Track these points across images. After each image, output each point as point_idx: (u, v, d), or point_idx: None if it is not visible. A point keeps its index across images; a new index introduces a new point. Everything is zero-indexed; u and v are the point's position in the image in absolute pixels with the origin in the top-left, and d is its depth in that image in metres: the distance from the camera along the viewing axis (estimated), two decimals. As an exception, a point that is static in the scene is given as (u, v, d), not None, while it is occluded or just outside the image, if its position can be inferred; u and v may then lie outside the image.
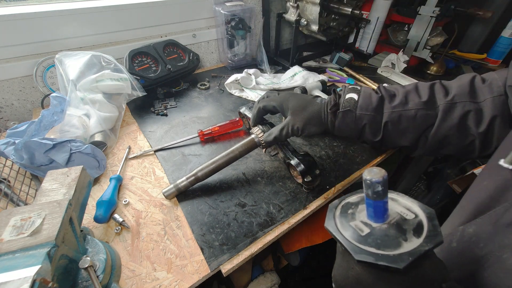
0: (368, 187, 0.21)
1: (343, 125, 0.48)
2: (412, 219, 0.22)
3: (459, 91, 0.41)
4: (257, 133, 0.57)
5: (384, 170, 0.21)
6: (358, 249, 0.20)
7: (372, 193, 0.21)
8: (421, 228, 0.21)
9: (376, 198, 0.21)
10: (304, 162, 0.51)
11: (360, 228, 0.22)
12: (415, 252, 0.19)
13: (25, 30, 0.73)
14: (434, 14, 0.93)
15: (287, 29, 1.27)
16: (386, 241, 0.20)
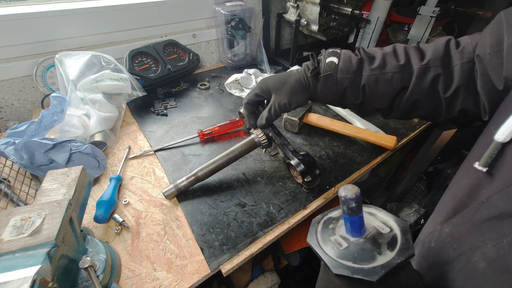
0: (343, 203, 0.22)
1: (325, 89, 0.48)
2: (387, 233, 0.23)
3: (434, 55, 0.41)
4: (257, 133, 0.57)
5: (357, 188, 0.22)
6: (336, 263, 0.22)
7: (347, 209, 0.22)
8: (395, 241, 0.22)
9: (351, 214, 0.23)
10: (304, 162, 0.51)
11: (339, 243, 0.23)
12: (388, 265, 0.20)
13: (25, 30, 0.73)
14: (434, 14, 0.93)
15: (287, 29, 1.27)
16: (362, 254, 0.22)
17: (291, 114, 0.71)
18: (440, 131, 0.68)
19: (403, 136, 0.72)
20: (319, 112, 0.83)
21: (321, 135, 0.72)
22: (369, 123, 0.73)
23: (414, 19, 1.00)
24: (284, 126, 0.74)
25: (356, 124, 0.73)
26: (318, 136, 0.72)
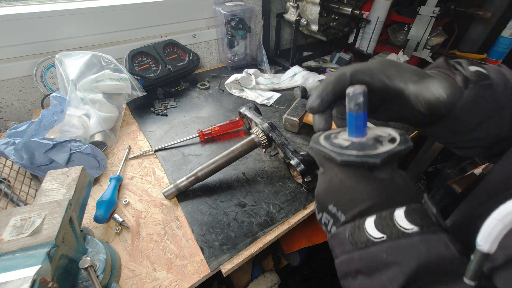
0: (351, 99, 0.23)
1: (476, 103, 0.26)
2: (387, 135, 0.24)
3: None
4: (257, 133, 0.57)
5: (365, 86, 0.23)
6: (341, 153, 0.22)
7: (354, 105, 0.23)
8: (394, 139, 0.23)
9: (358, 110, 0.23)
10: (304, 162, 0.51)
11: (341, 143, 0.24)
12: (390, 151, 0.21)
13: (25, 30, 0.73)
14: (434, 14, 0.93)
15: (287, 29, 1.27)
16: (365, 146, 0.22)
17: (291, 114, 0.71)
18: (440, 131, 0.68)
19: (403, 136, 0.72)
20: (319, 112, 0.83)
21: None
22: (369, 123, 0.72)
23: (414, 19, 1.00)
24: (284, 126, 0.74)
25: (356, 124, 0.73)
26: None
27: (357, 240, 0.21)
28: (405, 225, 0.20)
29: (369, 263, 0.21)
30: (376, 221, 0.21)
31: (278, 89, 0.94)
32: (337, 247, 0.24)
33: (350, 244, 0.22)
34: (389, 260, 0.19)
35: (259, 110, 0.68)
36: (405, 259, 0.19)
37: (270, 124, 0.58)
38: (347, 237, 0.22)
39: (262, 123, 0.58)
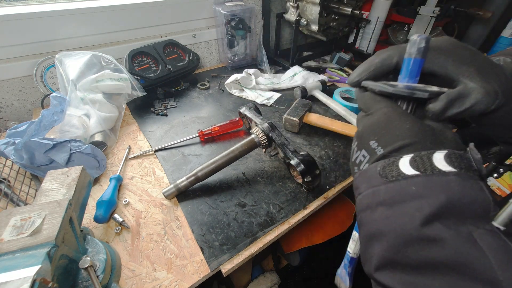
0: (413, 44, 0.23)
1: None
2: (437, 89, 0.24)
3: None
4: (257, 133, 0.57)
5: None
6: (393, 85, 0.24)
7: (416, 49, 0.23)
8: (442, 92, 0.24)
9: (417, 55, 0.23)
10: (304, 162, 0.51)
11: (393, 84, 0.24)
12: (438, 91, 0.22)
13: (25, 30, 0.73)
14: (434, 14, 0.93)
15: (287, 29, 1.27)
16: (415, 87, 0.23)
17: (291, 114, 0.71)
18: (440, 131, 0.68)
19: (403, 136, 0.72)
20: (319, 112, 0.83)
21: (321, 135, 0.72)
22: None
23: (414, 19, 1.00)
24: (284, 126, 0.74)
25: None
26: (318, 136, 0.72)
27: (388, 174, 0.20)
28: (442, 166, 0.19)
29: (394, 195, 0.20)
30: (412, 159, 0.20)
31: (278, 89, 0.94)
32: (363, 184, 0.23)
33: (379, 177, 0.21)
34: (417, 192, 0.19)
35: (259, 110, 0.68)
36: (435, 192, 0.18)
37: (270, 124, 0.58)
38: (378, 171, 0.21)
39: (262, 123, 0.58)
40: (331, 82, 1.00)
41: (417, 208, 0.18)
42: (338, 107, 0.81)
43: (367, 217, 0.22)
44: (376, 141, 0.23)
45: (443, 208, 0.18)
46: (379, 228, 0.21)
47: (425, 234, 0.18)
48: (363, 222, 0.23)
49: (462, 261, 0.16)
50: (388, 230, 0.20)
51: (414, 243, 0.18)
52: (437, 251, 0.17)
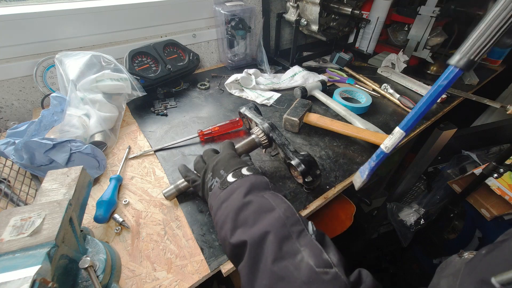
0: None
1: None
2: None
3: None
4: (257, 133, 0.57)
5: None
6: None
7: None
8: None
9: None
10: (304, 162, 0.51)
11: None
12: None
13: (25, 30, 0.73)
14: (434, 14, 0.93)
15: (287, 29, 1.27)
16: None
17: (291, 114, 0.71)
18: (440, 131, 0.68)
19: (403, 136, 0.72)
20: (319, 112, 0.83)
21: (321, 135, 0.72)
22: (369, 123, 0.73)
23: (414, 19, 1.00)
24: (284, 126, 0.74)
25: (356, 124, 0.73)
26: (318, 136, 0.72)
27: (223, 185, 0.40)
28: (246, 173, 0.41)
29: (228, 193, 0.38)
30: (233, 173, 0.41)
31: (278, 89, 0.94)
32: (213, 200, 0.40)
33: (219, 190, 0.39)
34: (237, 186, 0.38)
35: (259, 110, 0.68)
36: (244, 183, 0.38)
37: (271, 124, 0.58)
38: (218, 187, 0.40)
39: (262, 123, 0.58)
40: (331, 82, 1.00)
41: (238, 193, 0.37)
42: (338, 107, 0.81)
43: (218, 214, 0.37)
44: (224, 169, 0.42)
45: (249, 188, 0.37)
46: (224, 214, 0.36)
47: (244, 201, 0.35)
48: (217, 220, 0.37)
49: (261, 206, 0.34)
50: (227, 211, 0.36)
51: (241, 209, 0.35)
52: (250, 207, 0.35)
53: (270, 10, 1.12)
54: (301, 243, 0.30)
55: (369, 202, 1.13)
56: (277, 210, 0.33)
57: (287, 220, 0.32)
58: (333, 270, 0.27)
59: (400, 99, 0.84)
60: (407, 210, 1.02)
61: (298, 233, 0.31)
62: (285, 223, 0.32)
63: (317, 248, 0.29)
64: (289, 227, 0.31)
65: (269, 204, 0.34)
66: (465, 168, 0.96)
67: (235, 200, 0.36)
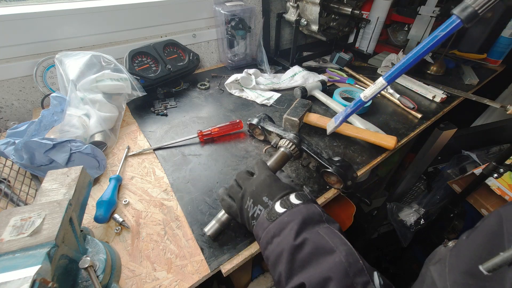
0: None
1: None
2: None
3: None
4: (286, 145, 0.54)
5: None
6: None
7: None
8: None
9: None
10: (343, 168, 0.51)
11: None
12: None
13: (25, 30, 0.73)
14: (434, 14, 0.93)
15: (287, 29, 1.27)
16: None
17: (291, 114, 0.71)
18: (440, 131, 0.68)
19: (403, 136, 0.72)
20: (319, 112, 0.83)
21: (321, 135, 0.72)
22: (369, 123, 0.73)
23: (414, 19, 1.00)
24: (284, 126, 0.74)
25: (356, 124, 0.73)
26: (318, 136, 0.72)
27: (271, 216, 0.35)
28: (295, 201, 0.36)
29: (278, 226, 0.34)
30: (281, 203, 0.36)
31: (278, 89, 0.94)
32: (259, 230, 0.36)
33: (267, 221, 0.35)
34: (288, 220, 0.34)
35: (272, 119, 0.68)
36: (296, 216, 0.34)
37: (297, 134, 0.56)
38: (265, 217, 0.36)
39: (287, 134, 0.57)
40: (331, 82, 1.00)
41: (290, 229, 0.33)
42: (338, 107, 0.81)
43: (269, 249, 0.34)
44: (267, 196, 0.38)
45: (302, 224, 0.33)
46: (276, 251, 0.33)
47: (299, 241, 0.31)
48: (268, 255, 0.34)
49: (318, 246, 0.31)
50: (281, 249, 0.32)
51: (296, 250, 0.31)
52: (306, 247, 0.31)
53: (270, 10, 1.12)
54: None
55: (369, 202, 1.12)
56: (337, 253, 0.29)
57: (350, 267, 0.28)
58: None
59: (400, 99, 0.84)
60: (407, 210, 1.02)
61: (362, 285, 0.27)
62: (347, 271, 0.28)
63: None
64: (353, 276, 0.27)
65: (327, 244, 0.30)
66: (465, 168, 0.96)
67: (288, 237, 0.32)
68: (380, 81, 0.47)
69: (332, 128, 0.60)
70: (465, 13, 0.34)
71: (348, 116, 0.57)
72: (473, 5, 0.33)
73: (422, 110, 0.83)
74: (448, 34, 0.37)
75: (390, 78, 0.45)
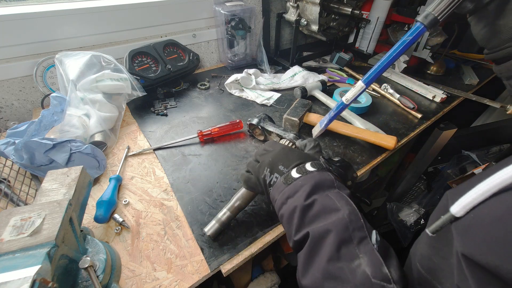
0: None
1: None
2: None
3: None
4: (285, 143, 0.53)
5: None
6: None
7: None
8: None
9: None
10: (342, 168, 0.50)
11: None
12: None
13: (25, 30, 0.73)
14: (434, 14, 0.93)
15: (287, 29, 1.27)
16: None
17: (291, 114, 0.71)
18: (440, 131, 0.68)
19: (403, 136, 0.72)
20: (319, 112, 0.83)
21: (321, 135, 0.72)
22: (369, 123, 0.73)
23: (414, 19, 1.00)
24: (284, 126, 0.74)
25: (356, 124, 0.73)
26: (318, 136, 0.72)
27: (287, 180, 0.38)
28: (310, 169, 0.38)
29: (292, 189, 0.37)
30: (297, 169, 0.39)
31: (278, 89, 0.94)
32: (276, 193, 0.39)
33: (283, 185, 0.38)
34: (302, 183, 0.36)
35: (272, 119, 0.68)
36: (309, 181, 0.36)
37: (297, 134, 0.55)
38: (282, 182, 0.39)
39: (286, 134, 0.56)
40: (331, 82, 1.00)
41: (303, 191, 0.36)
42: (338, 107, 0.81)
43: (284, 209, 0.37)
44: (282, 165, 0.41)
45: (314, 187, 0.36)
46: (290, 208, 0.36)
47: (309, 200, 0.34)
48: (283, 213, 0.37)
49: (326, 206, 0.33)
50: (293, 207, 0.35)
51: (306, 208, 0.34)
52: (315, 206, 0.34)
53: (270, 10, 1.12)
54: (361, 249, 0.29)
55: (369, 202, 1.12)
56: (342, 211, 0.32)
57: (350, 223, 0.31)
58: (391, 286, 0.26)
59: (400, 99, 0.84)
60: (407, 210, 1.02)
61: (359, 239, 0.30)
62: (347, 226, 0.31)
63: (377, 259, 0.28)
64: (351, 231, 0.31)
65: (334, 205, 0.34)
66: (465, 168, 0.96)
67: (300, 197, 0.36)
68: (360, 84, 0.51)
69: (318, 132, 0.63)
70: (427, 20, 0.40)
71: (333, 119, 0.60)
72: (433, 13, 0.39)
73: (422, 110, 0.83)
74: (416, 38, 0.44)
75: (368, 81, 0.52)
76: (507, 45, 0.36)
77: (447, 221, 0.23)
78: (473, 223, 0.21)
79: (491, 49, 0.39)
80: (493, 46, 0.38)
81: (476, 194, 0.21)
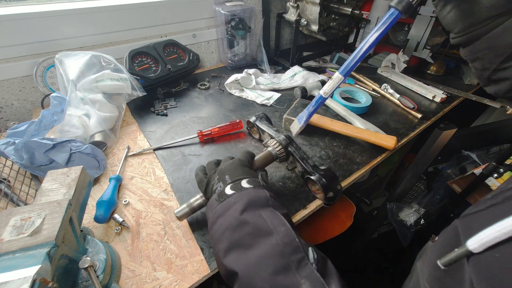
0: None
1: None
2: None
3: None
4: (274, 145, 0.54)
5: None
6: None
7: None
8: None
9: None
10: (326, 178, 0.49)
11: None
12: None
13: (25, 30, 0.73)
14: (434, 14, 0.93)
15: (287, 29, 1.27)
16: None
17: (291, 114, 0.71)
18: (440, 131, 0.68)
19: (403, 136, 0.72)
20: (319, 112, 0.83)
21: (321, 135, 0.72)
22: (369, 123, 0.73)
23: (414, 19, 1.00)
24: (284, 126, 0.74)
25: (356, 124, 0.73)
26: (318, 136, 0.72)
27: (220, 197, 0.37)
28: (245, 185, 0.38)
29: (225, 207, 0.36)
30: (231, 186, 0.38)
31: (278, 89, 0.94)
32: (209, 212, 0.39)
33: (216, 202, 0.37)
34: (234, 201, 0.35)
35: (270, 119, 0.68)
36: (242, 198, 0.35)
37: (287, 136, 0.55)
38: (215, 199, 0.38)
39: (277, 135, 0.56)
40: (331, 82, 1.00)
41: (234, 209, 0.34)
42: (338, 107, 0.81)
43: (213, 230, 0.36)
44: (229, 175, 0.41)
45: (246, 205, 0.34)
46: (219, 231, 0.34)
47: (240, 220, 0.33)
48: (213, 235, 0.36)
49: (257, 227, 0.32)
50: (223, 229, 0.34)
51: (236, 229, 0.33)
52: (246, 228, 0.32)
53: (270, 10, 1.12)
54: (302, 274, 0.28)
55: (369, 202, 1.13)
56: (275, 235, 0.31)
57: (285, 247, 0.30)
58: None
59: (400, 99, 0.84)
60: (407, 210, 1.02)
61: (297, 263, 0.29)
62: (283, 252, 0.29)
63: (319, 281, 0.27)
64: (288, 256, 0.29)
65: (266, 227, 0.32)
66: (465, 168, 0.96)
67: (231, 217, 0.34)
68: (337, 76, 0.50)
69: (297, 129, 0.61)
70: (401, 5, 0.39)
71: (312, 114, 0.58)
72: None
73: (422, 110, 0.83)
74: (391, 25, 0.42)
75: (345, 72, 0.50)
76: (474, 28, 0.35)
77: (461, 255, 0.22)
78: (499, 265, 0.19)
79: (457, 33, 0.37)
80: (460, 30, 0.37)
81: (498, 232, 0.19)
